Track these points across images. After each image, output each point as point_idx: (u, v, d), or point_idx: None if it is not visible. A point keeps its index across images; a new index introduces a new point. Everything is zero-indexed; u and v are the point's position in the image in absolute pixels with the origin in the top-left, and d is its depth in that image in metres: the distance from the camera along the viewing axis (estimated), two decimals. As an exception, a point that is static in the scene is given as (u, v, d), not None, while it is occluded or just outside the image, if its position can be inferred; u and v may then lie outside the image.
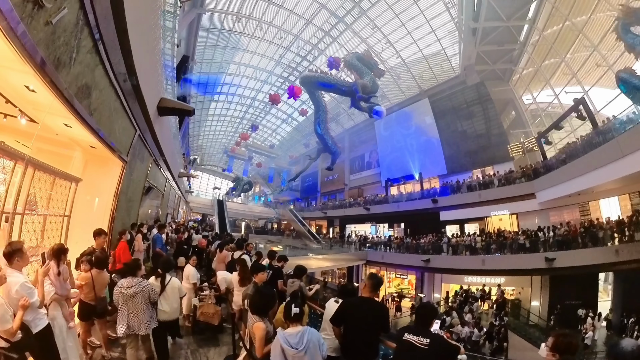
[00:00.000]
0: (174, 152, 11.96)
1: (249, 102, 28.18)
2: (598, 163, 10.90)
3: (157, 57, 6.09)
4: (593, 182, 11.55)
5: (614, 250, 10.56)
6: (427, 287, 17.58)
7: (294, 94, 14.86)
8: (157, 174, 9.71)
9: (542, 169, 14.44)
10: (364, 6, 18.88)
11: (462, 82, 20.54)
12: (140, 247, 5.74)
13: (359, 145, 27.78)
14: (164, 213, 13.62)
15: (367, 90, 15.02)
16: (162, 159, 8.85)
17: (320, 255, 18.23)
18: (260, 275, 3.58)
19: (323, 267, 19.37)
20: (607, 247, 10.88)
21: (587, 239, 11.51)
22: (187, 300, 4.54)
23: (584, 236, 11.62)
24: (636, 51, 10.02)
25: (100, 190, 5.11)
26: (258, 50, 22.91)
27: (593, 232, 11.44)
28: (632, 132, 9.65)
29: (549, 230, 12.81)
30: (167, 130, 9.09)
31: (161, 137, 7.25)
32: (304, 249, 21.16)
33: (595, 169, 11.08)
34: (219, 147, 36.08)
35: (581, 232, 11.79)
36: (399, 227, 22.70)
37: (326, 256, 18.64)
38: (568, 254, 11.62)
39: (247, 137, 26.94)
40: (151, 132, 6.24)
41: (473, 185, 17.19)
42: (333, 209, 26.55)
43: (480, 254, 14.15)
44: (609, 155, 10.38)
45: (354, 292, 3.10)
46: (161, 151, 8.04)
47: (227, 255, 6.11)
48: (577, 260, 11.35)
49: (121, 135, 4.79)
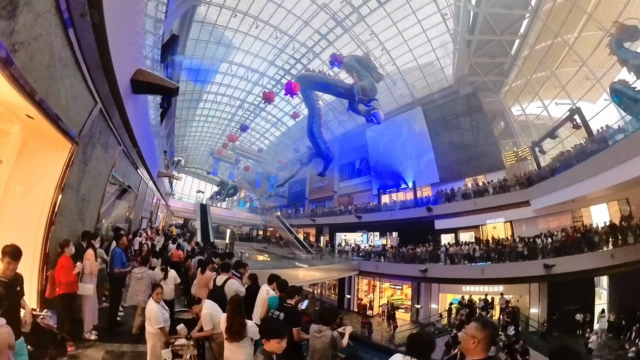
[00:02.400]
0: (153, 146, 10.38)
1: (239, 103, 27.48)
2: (594, 170, 11.43)
3: (138, 13, 4.54)
4: (589, 188, 12.08)
5: (610, 254, 11.00)
6: (424, 298, 17.43)
7: (292, 90, 14.30)
8: (128, 170, 7.79)
9: (535, 177, 15.02)
10: (362, 12, 19.20)
11: (455, 92, 21.32)
12: (92, 269, 4.14)
13: (349, 152, 27.80)
14: (137, 216, 11.69)
15: (366, 92, 14.98)
16: (135, 150, 7.07)
17: (309, 266, 17.19)
18: (274, 343, 2.08)
19: (314, 279, 18.23)
20: (603, 251, 11.32)
21: (583, 244, 11.94)
22: (150, 352, 3.33)
23: (581, 241, 12.04)
24: (629, 64, 10.77)
25: (37, 180, 3.43)
26: (252, 50, 22.52)
27: (589, 237, 11.89)
28: (628, 140, 10.22)
29: (547, 237, 13.16)
30: (144, 115, 7.55)
31: (135, 122, 5.73)
32: (292, 259, 20.09)
33: (591, 177, 11.61)
34: (205, 149, 34.77)
35: (578, 238, 12.22)
36: (391, 236, 22.60)
37: (317, 267, 17.63)
38: (566, 259, 11.97)
39: (236, 138, 26.01)
40: (120, 111, 4.66)
41: (468, 193, 17.52)
42: (322, 216, 26.10)
43: (480, 263, 14.28)
44: (605, 162, 10.91)
45: (431, 346, 2.20)
46: (134, 140, 6.40)
47: (210, 278, 4.96)
48: (575, 265, 11.72)
49: (70, 103, 3.15)
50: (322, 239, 26.23)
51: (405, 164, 22.72)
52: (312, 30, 20.92)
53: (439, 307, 16.60)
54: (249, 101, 27.47)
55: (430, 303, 17.08)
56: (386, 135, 24.20)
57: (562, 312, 12.61)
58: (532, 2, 15.82)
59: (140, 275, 4.52)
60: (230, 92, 26.68)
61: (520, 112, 20.20)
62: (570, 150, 13.39)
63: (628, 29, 10.67)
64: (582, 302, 12.56)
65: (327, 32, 20.95)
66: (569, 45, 15.15)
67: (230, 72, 23.81)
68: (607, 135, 11.27)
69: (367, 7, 18.95)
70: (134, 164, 8.40)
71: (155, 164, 12.38)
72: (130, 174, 8.25)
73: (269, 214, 28.50)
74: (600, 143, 11.56)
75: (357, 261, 19.51)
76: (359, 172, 26.65)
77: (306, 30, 20.96)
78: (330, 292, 22.65)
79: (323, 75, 15.49)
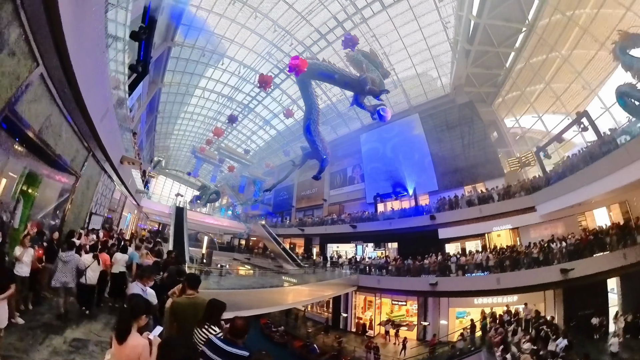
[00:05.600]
0: (112, 116, 8.26)
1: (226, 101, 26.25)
2: (603, 172, 11.95)
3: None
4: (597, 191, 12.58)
5: (622, 254, 11.31)
6: (432, 314, 16.63)
7: (298, 66, 12.33)
8: (56, 123, 5.48)
9: (541, 182, 15.53)
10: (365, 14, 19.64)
11: (451, 101, 22.21)
12: None
13: (341, 159, 27.46)
14: (78, 210, 8.88)
15: (375, 84, 14.57)
16: (72, 94, 5.08)
17: (301, 283, 15.03)
18: None
19: (307, 298, 15.80)
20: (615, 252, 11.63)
21: (595, 246, 12.24)
22: None
23: (593, 244, 12.34)
24: (633, 70, 11.77)
25: None
26: (246, 44, 21.90)
27: (601, 239, 12.23)
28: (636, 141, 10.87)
29: (560, 241, 13.36)
30: (100, 62, 5.98)
31: (78, 62, 4.36)
32: (279, 272, 18.13)
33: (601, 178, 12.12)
34: (188, 150, 32.47)
35: (590, 240, 12.53)
36: (386, 247, 21.97)
37: (311, 284, 15.51)
38: (581, 263, 12.12)
39: (222, 132, 24.06)
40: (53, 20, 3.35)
41: (472, 200, 17.63)
42: (312, 225, 24.98)
43: (494, 272, 14.02)
44: (615, 163, 11.44)
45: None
46: (78, 91, 4.91)
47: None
48: (591, 268, 11.90)
49: None
50: (314, 250, 24.90)
51: (403, 172, 22.72)
52: (312, 29, 20.93)
53: (448, 323, 15.90)
54: (238, 100, 26.41)
55: (439, 319, 16.33)
56: (382, 141, 24.31)
57: (577, 317, 12.60)
58: (529, 17, 17.23)
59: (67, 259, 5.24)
60: (220, 87, 25.52)
61: (514, 123, 21.44)
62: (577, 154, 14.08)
63: (632, 36, 11.79)
64: (596, 306, 12.67)
65: (327, 31, 21.07)
66: (565, 59, 16.48)
67: (221, 65, 22.82)
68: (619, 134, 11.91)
69: (370, 9, 19.42)
70: (74, 127, 6.18)
71: (115, 143, 9.95)
72: (61, 132, 5.80)
73: (252, 222, 26.69)
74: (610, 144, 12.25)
75: (356, 276, 18.30)
76: (352, 180, 26.29)
77: (305, 28, 20.92)
78: (322, 310, 21.09)
79: (328, 64, 14.70)
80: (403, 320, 18.34)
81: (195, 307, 3.04)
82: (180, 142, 34.67)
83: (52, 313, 5.24)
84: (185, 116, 29.09)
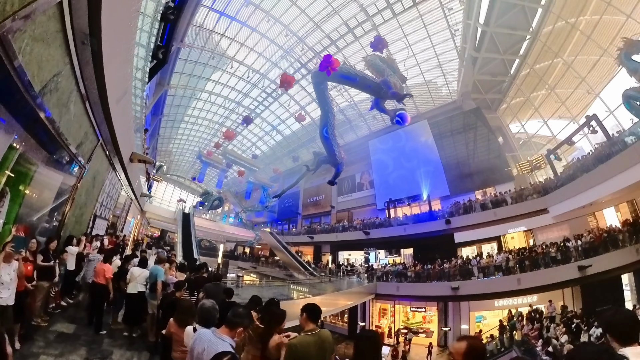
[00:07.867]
0: (127, 102, 7.65)
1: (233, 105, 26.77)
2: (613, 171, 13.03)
3: None
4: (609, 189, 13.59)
5: (635, 249, 12.28)
6: (452, 318, 17.14)
7: (330, 64, 12.56)
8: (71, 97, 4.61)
9: (553, 184, 16.59)
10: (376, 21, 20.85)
11: (459, 107, 23.44)
12: None
13: (349, 165, 27.99)
14: (81, 211, 7.71)
15: (397, 88, 15.38)
16: (95, 76, 4.55)
17: (315, 293, 14.30)
18: None
19: (325, 310, 14.09)
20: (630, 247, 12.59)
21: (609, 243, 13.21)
22: None
23: (607, 240, 13.31)
24: (638, 74, 13.09)
25: None
26: (256, 49, 22.71)
27: (614, 236, 13.22)
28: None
29: (576, 239, 14.28)
30: (128, 28, 5.33)
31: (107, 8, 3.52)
32: (289, 281, 17.68)
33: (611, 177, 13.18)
34: (190, 156, 32.51)
35: (605, 237, 13.50)
36: (399, 253, 22.50)
37: (327, 294, 14.88)
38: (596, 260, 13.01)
39: (233, 135, 24.20)
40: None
41: (486, 203, 18.53)
42: (322, 233, 25.30)
43: (515, 273, 14.72)
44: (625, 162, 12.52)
45: None
46: (100, 49, 3.98)
47: None
48: (607, 264, 12.77)
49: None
50: (324, 258, 25.17)
51: (414, 177, 23.53)
52: (323, 34, 21.95)
53: (469, 327, 16.41)
54: (245, 105, 27.01)
55: (460, 324, 16.82)
56: (391, 148, 25.19)
57: (595, 313, 13.36)
58: (534, 24, 18.73)
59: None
60: (226, 92, 26.11)
61: (519, 129, 22.79)
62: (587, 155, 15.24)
63: (636, 43, 13.15)
64: (613, 301, 13.46)
65: (337, 37, 22.14)
66: (568, 64, 17.93)
67: (230, 69, 23.49)
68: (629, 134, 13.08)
69: (381, 16, 20.64)
70: (85, 95, 4.95)
71: (127, 136, 9.00)
72: (69, 104, 4.60)
73: (257, 229, 26.81)
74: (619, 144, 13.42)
75: (374, 283, 18.52)
76: (360, 186, 26.95)
77: (316, 34, 21.93)
78: (337, 320, 21.22)
79: (348, 66, 15.28)
80: (420, 328, 18.71)
81: (323, 347, 2.41)
82: (183, 146, 34.75)
83: (48, 353, 4.14)
84: (189, 120, 29.44)
